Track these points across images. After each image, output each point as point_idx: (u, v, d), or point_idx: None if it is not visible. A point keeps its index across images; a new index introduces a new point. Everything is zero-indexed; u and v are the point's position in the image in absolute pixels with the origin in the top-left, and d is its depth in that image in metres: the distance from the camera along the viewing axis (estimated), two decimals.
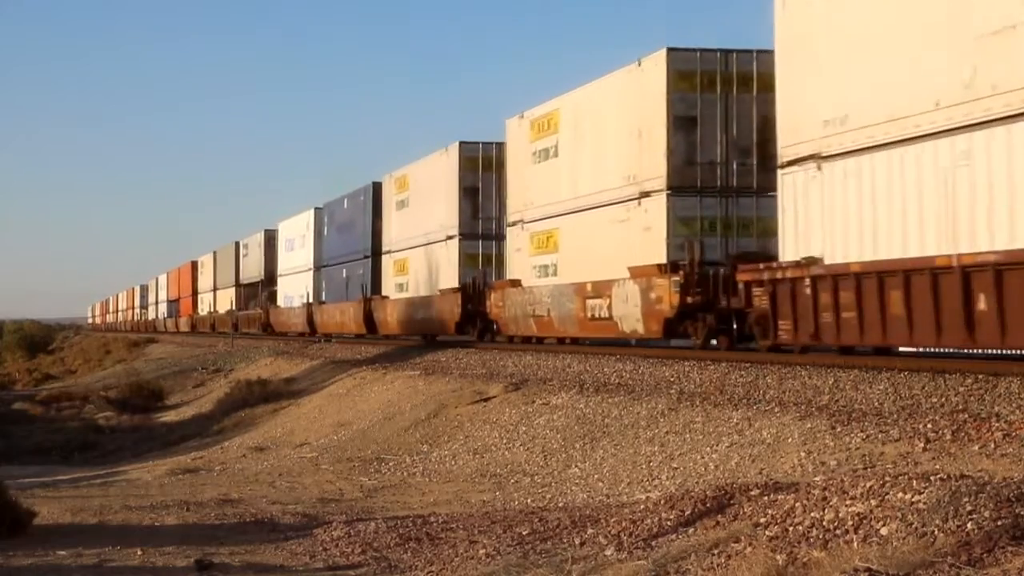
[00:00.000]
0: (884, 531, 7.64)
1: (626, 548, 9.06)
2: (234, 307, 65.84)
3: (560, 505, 12.32)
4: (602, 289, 23.12)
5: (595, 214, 24.10)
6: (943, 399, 12.53)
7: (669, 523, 9.43)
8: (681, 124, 21.40)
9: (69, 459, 25.26)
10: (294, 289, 52.29)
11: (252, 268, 63.05)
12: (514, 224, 28.49)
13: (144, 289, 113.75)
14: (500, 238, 30.85)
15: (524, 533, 10.31)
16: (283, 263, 55.56)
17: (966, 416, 11.40)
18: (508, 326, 28.60)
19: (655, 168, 21.72)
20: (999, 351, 15.63)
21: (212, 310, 72.89)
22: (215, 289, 73.40)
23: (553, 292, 25.70)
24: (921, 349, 20.34)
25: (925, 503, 7.79)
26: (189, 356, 53.85)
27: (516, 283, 27.87)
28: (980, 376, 13.35)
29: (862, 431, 11.61)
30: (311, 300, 48.22)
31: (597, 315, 23.30)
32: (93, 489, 16.77)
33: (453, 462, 16.34)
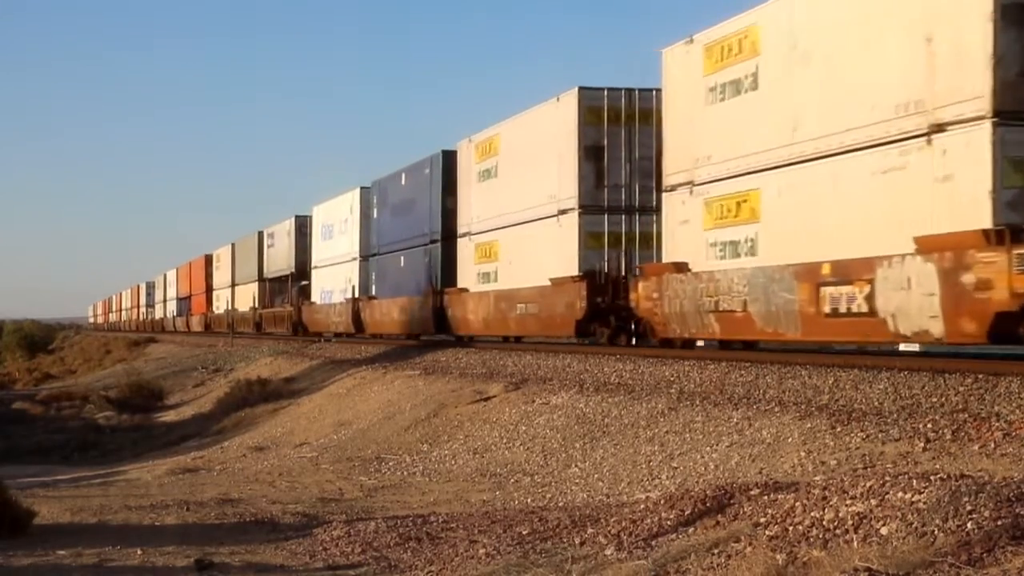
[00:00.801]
0: (884, 531, 7.64)
1: (626, 548, 9.07)
2: (257, 304, 58.30)
3: (560, 505, 12.33)
4: (854, 271, 16.09)
5: (834, 164, 16.87)
6: (943, 399, 12.53)
7: (669, 523, 9.44)
8: (1013, 15, 14.34)
9: (69, 459, 25.26)
10: (333, 282, 44.47)
11: (279, 260, 55.02)
12: (675, 188, 20.91)
13: (150, 286, 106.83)
14: (634, 211, 24.43)
15: (524, 533, 10.32)
16: (319, 253, 47.35)
17: (966, 416, 11.40)
18: (667, 325, 20.82)
19: (963, 87, 14.51)
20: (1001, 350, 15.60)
21: (230, 308, 65.13)
22: (233, 285, 65.76)
23: (754, 277, 18.22)
24: (922, 348, 19.58)
25: (925, 503, 7.79)
26: (189, 356, 53.83)
27: (682, 267, 20.34)
28: (980, 376, 13.35)
29: (862, 431, 11.62)
30: (357, 295, 40.67)
31: (844, 309, 16.23)
32: (93, 489, 16.77)
33: (453, 462, 16.34)
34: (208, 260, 75.23)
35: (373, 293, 39.56)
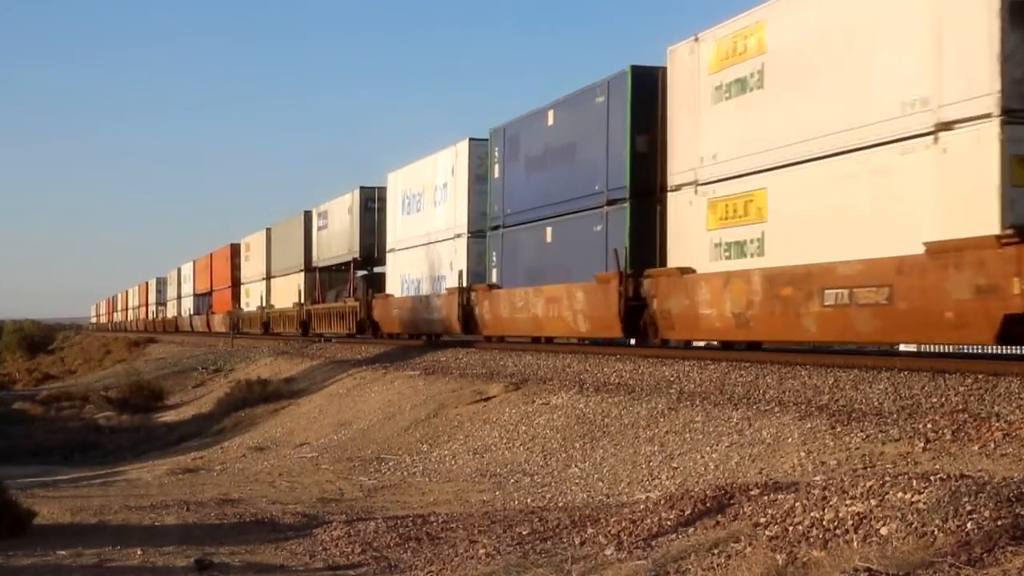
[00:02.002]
0: (884, 531, 7.65)
1: (626, 548, 9.07)
2: (303, 299, 47.50)
3: (560, 505, 12.34)
4: None
5: None
6: (943, 399, 12.53)
7: (669, 523, 9.44)
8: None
9: (69, 459, 25.28)
10: (423, 268, 33.62)
11: (335, 244, 43.86)
12: None
13: (161, 283, 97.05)
14: None
15: (524, 533, 10.33)
16: (399, 231, 36.05)
17: (966, 416, 11.40)
18: None
19: None
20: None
21: (264, 304, 55.25)
22: (269, 277, 55.26)
23: None
24: (921, 348, 18.99)
25: (925, 503, 7.80)
26: (189, 356, 53.81)
27: None
28: (980, 376, 13.35)
29: (862, 431, 11.62)
30: (466, 283, 29.41)
31: None
32: (93, 489, 16.78)
33: (453, 462, 16.35)
34: (234, 250, 64.38)
35: (494, 280, 27.91)
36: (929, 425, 11.25)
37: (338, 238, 43.61)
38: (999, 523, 7.33)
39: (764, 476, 11.09)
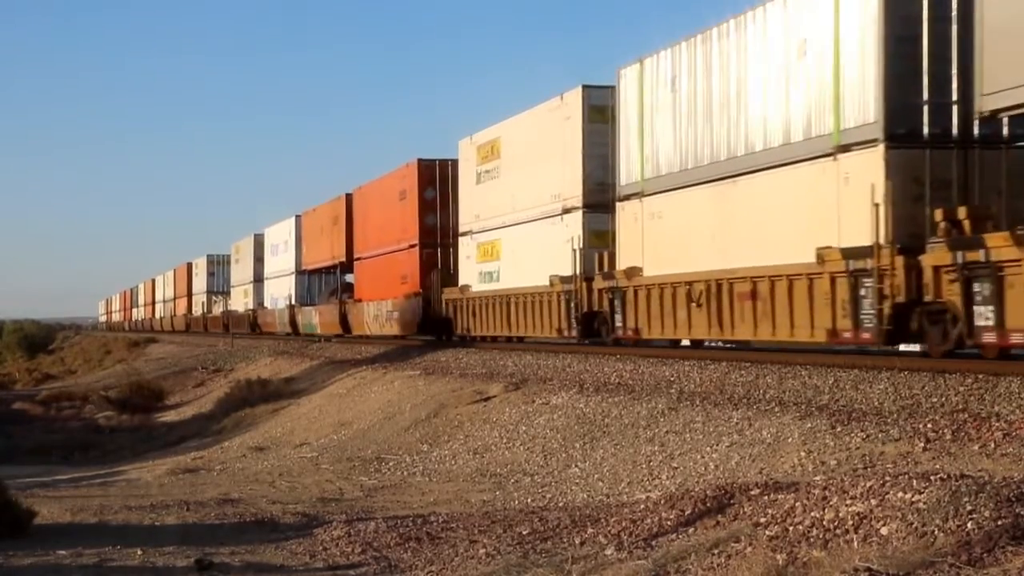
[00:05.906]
0: (884, 531, 7.65)
1: (626, 548, 9.07)
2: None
3: (560, 505, 12.34)
4: None
5: None
6: (943, 399, 12.54)
7: (669, 523, 9.44)
8: None
9: (69, 459, 25.27)
10: None
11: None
12: None
13: (215, 263, 71.43)
14: None
15: (524, 533, 10.33)
16: None
17: (966, 416, 11.41)
18: None
19: None
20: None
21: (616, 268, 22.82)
22: (582, 207, 24.35)
23: None
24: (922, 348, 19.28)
25: (925, 503, 7.80)
26: (189, 356, 53.80)
27: None
28: (980, 376, 13.36)
29: (862, 431, 11.62)
30: None
31: None
32: (93, 489, 16.79)
33: (453, 462, 16.35)
34: (424, 175, 33.31)
35: None
36: (929, 425, 11.25)
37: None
38: (999, 523, 7.33)
39: (764, 476, 11.09)
